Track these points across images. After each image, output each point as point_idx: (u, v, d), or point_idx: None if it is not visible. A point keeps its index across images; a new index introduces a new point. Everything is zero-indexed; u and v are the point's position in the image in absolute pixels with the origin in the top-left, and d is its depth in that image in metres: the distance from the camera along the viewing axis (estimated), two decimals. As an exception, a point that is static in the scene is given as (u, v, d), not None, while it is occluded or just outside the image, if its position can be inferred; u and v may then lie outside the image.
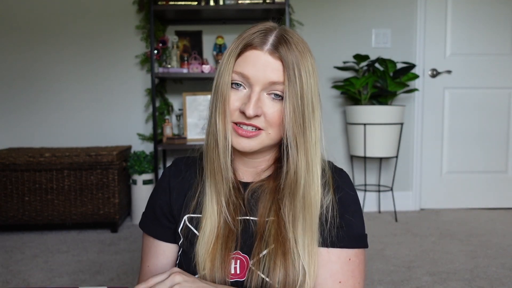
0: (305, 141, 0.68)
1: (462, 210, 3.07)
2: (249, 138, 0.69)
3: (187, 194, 0.79)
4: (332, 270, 0.70)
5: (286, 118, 0.67)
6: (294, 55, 0.67)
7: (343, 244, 0.71)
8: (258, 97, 0.67)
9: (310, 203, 0.69)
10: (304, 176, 0.68)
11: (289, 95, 0.66)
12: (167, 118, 2.83)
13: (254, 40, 0.68)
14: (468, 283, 1.84)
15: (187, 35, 2.93)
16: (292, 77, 0.66)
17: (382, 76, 2.76)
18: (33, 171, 2.51)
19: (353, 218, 0.73)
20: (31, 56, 2.92)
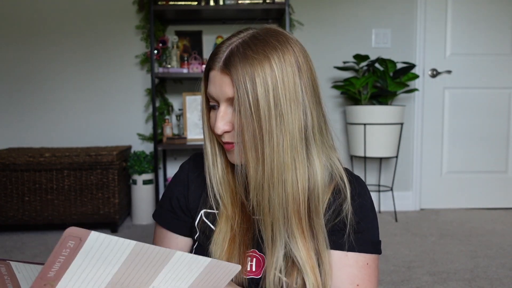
0: (263, 150, 0.65)
1: (462, 210, 3.07)
2: (231, 151, 0.71)
3: (204, 189, 0.79)
4: (350, 273, 0.71)
5: (236, 128, 0.67)
6: (247, 64, 0.64)
7: (361, 248, 0.72)
8: (223, 113, 0.68)
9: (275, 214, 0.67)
10: (262, 186, 0.66)
11: (240, 108, 0.64)
12: (167, 118, 2.83)
13: (211, 61, 0.69)
14: (468, 283, 1.84)
15: (187, 35, 2.93)
16: (241, 89, 0.63)
17: (382, 76, 2.76)
18: (33, 171, 2.51)
19: (370, 224, 0.74)
20: (31, 56, 2.92)
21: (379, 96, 2.79)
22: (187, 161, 0.86)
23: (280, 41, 0.66)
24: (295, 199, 0.67)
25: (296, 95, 0.65)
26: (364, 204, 0.75)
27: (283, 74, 0.64)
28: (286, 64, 0.65)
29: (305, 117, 0.66)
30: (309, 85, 0.67)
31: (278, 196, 0.66)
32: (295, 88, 0.65)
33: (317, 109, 0.69)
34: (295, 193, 0.67)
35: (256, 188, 0.67)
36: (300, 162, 0.67)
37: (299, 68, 0.66)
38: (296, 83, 0.65)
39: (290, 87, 0.65)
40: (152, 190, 2.75)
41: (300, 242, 0.69)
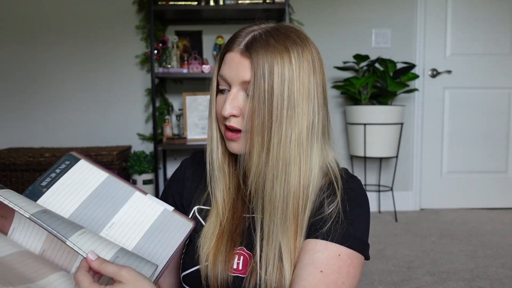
0: (269, 139, 0.66)
1: (462, 210, 3.07)
2: (234, 141, 0.71)
3: (199, 185, 0.80)
4: (316, 258, 0.66)
5: (246, 115, 0.67)
6: (269, 52, 0.65)
7: (335, 238, 0.67)
8: (234, 96, 0.68)
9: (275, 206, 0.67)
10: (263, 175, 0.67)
11: (254, 93, 0.65)
12: (167, 118, 2.83)
13: (231, 43, 0.70)
14: (468, 283, 1.84)
15: (187, 35, 2.93)
16: (258, 75, 0.65)
17: (382, 76, 2.76)
18: (33, 171, 2.51)
19: (355, 219, 0.70)
20: (31, 56, 2.92)
21: (379, 96, 2.79)
22: (186, 158, 0.88)
23: (300, 38, 0.69)
24: (296, 194, 0.68)
25: (308, 92, 0.67)
26: (353, 200, 0.72)
27: (299, 69, 0.66)
28: (303, 60, 0.67)
29: (313, 116, 0.68)
30: (320, 86, 0.69)
31: (280, 187, 0.67)
32: (308, 85, 0.67)
33: (323, 110, 0.71)
34: (296, 189, 0.68)
35: (256, 174, 0.67)
36: (304, 159, 0.68)
37: (314, 67, 0.68)
38: (310, 81, 0.67)
39: (304, 82, 0.67)
40: (152, 190, 2.75)
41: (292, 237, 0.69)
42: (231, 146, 0.72)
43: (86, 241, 0.54)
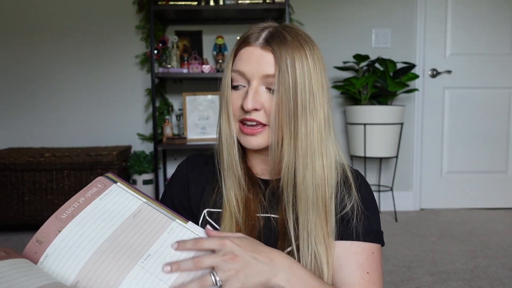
0: (296, 131, 0.68)
1: (462, 210, 3.07)
2: (254, 135, 0.71)
3: (205, 188, 0.80)
4: (359, 261, 0.71)
5: (275, 110, 0.69)
6: (288, 46, 0.68)
7: (366, 238, 0.72)
8: (255, 90, 0.70)
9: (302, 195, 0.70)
10: (293, 166, 0.70)
11: (280, 87, 0.68)
12: (167, 118, 2.83)
13: (249, 38, 0.71)
14: (468, 283, 1.84)
15: (187, 35, 2.93)
16: (283, 69, 0.67)
17: (382, 76, 2.76)
18: (33, 171, 2.51)
19: (373, 214, 0.75)
20: (31, 56, 2.92)
21: (379, 96, 2.79)
22: (184, 161, 0.86)
23: (308, 36, 0.73)
24: (322, 184, 0.71)
25: (323, 87, 0.71)
26: (367, 195, 0.77)
27: (313, 63, 0.69)
28: (315, 55, 0.70)
29: (327, 109, 0.72)
30: (328, 81, 0.73)
31: (310, 176, 0.70)
32: (322, 79, 0.71)
33: (330, 105, 0.74)
34: (322, 179, 0.70)
35: (289, 165, 0.70)
36: (324, 149, 0.71)
37: (322, 63, 0.72)
38: (323, 75, 0.71)
39: (319, 76, 0.70)
40: (152, 190, 2.75)
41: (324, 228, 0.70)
42: (249, 141, 0.72)
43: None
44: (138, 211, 0.61)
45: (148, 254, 0.57)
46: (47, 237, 0.56)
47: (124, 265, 0.55)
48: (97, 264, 0.54)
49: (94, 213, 0.58)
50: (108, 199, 0.61)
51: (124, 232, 0.58)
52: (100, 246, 0.55)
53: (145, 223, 0.60)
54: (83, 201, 0.60)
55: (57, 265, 0.54)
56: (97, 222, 0.58)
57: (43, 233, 0.56)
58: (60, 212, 0.58)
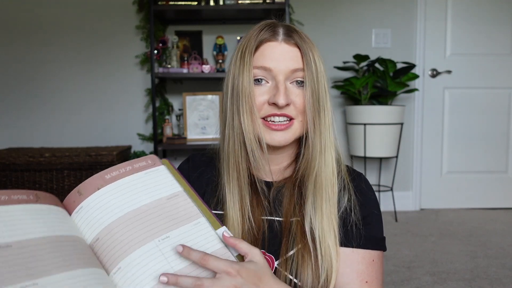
0: (319, 124, 0.70)
1: (462, 210, 3.07)
2: (283, 130, 0.70)
3: (206, 189, 0.79)
4: (359, 270, 0.70)
5: (307, 102, 0.70)
6: (306, 41, 0.71)
7: (367, 245, 0.72)
8: (285, 86, 0.70)
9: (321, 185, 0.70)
10: (317, 158, 0.71)
11: (308, 80, 0.69)
12: (167, 118, 2.83)
13: (266, 34, 0.71)
14: (468, 283, 1.84)
15: (187, 35, 2.93)
16: (309, 62, 0.69)
17: (382, 76, 2.76)
18: (33, 171, 2.51)
19: (374, 220, 0.74)
20: (31, 56, 2.92)
21: (379, 96, 2.79)
22: (185, 161, 0.85)
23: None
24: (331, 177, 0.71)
25: (328, 82, 0.73)
26: (368, 200, 0.75)
27: (321, 60, 0.72)
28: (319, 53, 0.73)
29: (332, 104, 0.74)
30: None
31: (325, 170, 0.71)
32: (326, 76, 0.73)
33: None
34: (331, 172, 0.71)
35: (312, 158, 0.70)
36: (332, 144, 0.72)
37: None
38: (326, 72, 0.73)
39: (325, 73, 0.72)
40: (152, 190, 2.75)
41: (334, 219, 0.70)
42: (277, 137, 0.70)
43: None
44: (174, 195, 0.63)
45: (167, 236, 0.58)
46: (87, 190, 0.59)
47: (141, 237, 0.56)
48: (118, 228, 0.56)
49: (134, 183, 0.61)
50: (151, 176, 0.64)
51: (153, 209, 0.60)
52: (126, 214, 0.58)
53: (175, 209, 0.62)
54: (129, 170, 0.63)
55: (86, 218, 0.57)
56: (133, 191, 0.60)
57: (85, 186, 0.60)
58: (105, 172, 0.61)
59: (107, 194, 0.59)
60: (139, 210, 0.59)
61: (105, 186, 0.60)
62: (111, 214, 0.57)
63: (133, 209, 0.59)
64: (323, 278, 0.68)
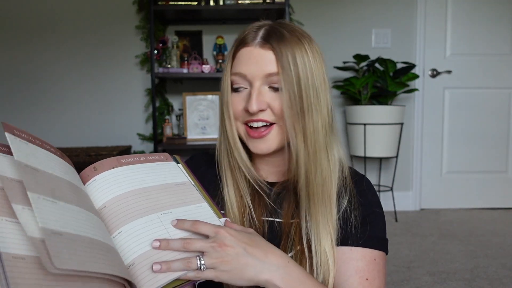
0: (303, 128, 0.67)
1: (462, 210, 3.07)
2: (263, 138, 0.70)
3: (208, 189, 0.78)
4: (358, 267, 0.68)
5: (284, 107, 0.67)
6: (287, 42, 0.66)
7: (367, 243, 0.69)
8: (259, 91, 0.68)
9: (314, 192, 0.68)
10: (305, 164, 0.68)
11: (284, 84, 0.66)
12: (167, 118, 2.83)
13: (245, 38, 0.69)
14: (468, 283, 1.84)
15: (187, 35, 2.93)
16: (286, 65, 0.65)
17: (382, 76, 2.76)
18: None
19: (376, 220, 0.72)
20: (31, 56, 2.92)
21: (379, 96, 2.79)
22: (188, 160, 0.86)
23: (305, 31, 0.72)
24: (328, 180, 0.69)
25: (324, 81, 0.69)
26: (370, 201, 0.74)
27: (313, 58, 0.68)
28: (314, 51, 0.69)
29: (330, 103, 0.70)
30: (327, 77, 0.72)
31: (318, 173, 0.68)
32: (323, 73, 0.69)
33: (332, 100, 0.73)
34: (327, 175, 0.69)
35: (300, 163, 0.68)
36: (329, 147, 0.70)
37: (321, 57, 0.70)
38: (324, 71, 0.70)
39: (320, 71, 0.69)
40: (152, 190, 2.75)
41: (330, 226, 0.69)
42: (259, 146, 0.70)
43: None
44: (181, 183, 0.68)
45: (170, 211, 0.62)
46: (102, 167, 0.64)
47: (145, 209, 0.61)
48: (125, 200, 0.61)
49: (146, 169, 0.67)
50: (162, 167, 0.69)
51: (160, 190, 0.65)
52: (134, 189, 0.63)
53: (180, 193, 0.66)
54: (143, 159, 0.69)
55: (97, 188, 0.62)
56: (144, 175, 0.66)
57: (101, 164, 0.65)
58: (121, 157, 0.67)
59: (120, 173, 0.64)
60: (147, 188, 0.64)
61: (119, 167, 0.65)
62: (120, 188, 0.63)
63: (142, 187, 0.64)
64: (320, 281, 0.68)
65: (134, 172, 0.66)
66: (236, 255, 0.56)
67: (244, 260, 0.56)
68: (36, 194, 0.48)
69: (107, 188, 0.62)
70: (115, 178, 0.64)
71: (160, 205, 0.62)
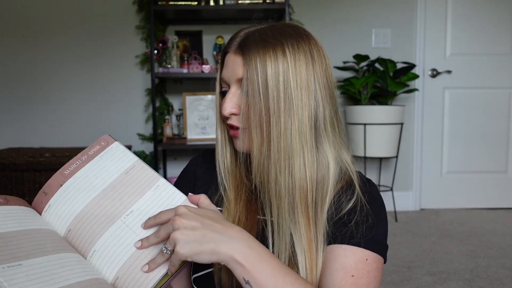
0: (269, 132, 0.65)
1: (462, 210, 3.07)
2: (236, 138, 0.71)
3: (211, 185, 0.79)
4: (345, 263, 0.64)
5: (242, 110, 0.67)
6: (260, 46, 0.66)
7: (359, 243, 0.66)
8: (232, 95, 0.69)
9: (282, 197, 0.66)
10: (268, 167, 0.66)
11: (248, 88, 0.66)
12: (167, 118, 2.84)
13: (228, 45, 0.71)
14: (468, 283, 1.84)
15: (187, 35, 2.93)
16: (251, 70, 0.65)
17: (382, 76, 2.76)
18: (33, 171, 2.51)
19: (376, 224, 0.69)
20: (31, 56, 2.92)
21: (379, 96, 2.79)
22: (196, 156, 0.87)
23: (296, 31, 0.69)
24: (302, 186, 0.67)
25: (307, 83, 0.66)
26: (373, 204, 0.71)
27: (295, 61, 0.66)
28: (299, 51, 0.67)
29: (315, 107, 0.67)
30: (322, 78, 0.68)
31: (284, 180, 0.66)
32: (307, 76, 0.66)
33: (330, 103, 0.70)
34: (302, 181, 0.67)
35: (260, 168, 0.67)
36: (308, 150, 0.67)
37: (312, 58, 0.68)
38: (309, 72, 0.67)
39: (302, 73, 0.66)
40: (152, 190, 2.75)
41: (304, 231, 0.67)
42: (236, 144, 0.72)
43: None
44: (131, 168, 0.67)
45: (131, 210, 0.62)
46: (51, 189, 0.63)
47: (109, 218, 0.61)
48: (86, 216, 0.61)
49: (93, 169, 0.65)
50: (106, 157, 0.67)
51: (114, 188, 0.64)
52: (91, 201, 0.62)
53: (134, 180, 0.65)
54: (85, 159, 0.66)
55: (56, 214, 0.61)
56: (93, 178, 0.64)
57: (49, 186, 0.63)
58: (64, 168, 0.65)
59: (70, 188, 0.63)
60: (102, 194, 0.63)
61: (66, 182, 0.63)
62: (77, 205, 0.61)
63: (96, 194, 0.63)
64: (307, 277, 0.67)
65: (82, 180, 0.64)
66: (193, 229, 0.55)
67: (203, 232, 0.55)
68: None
69: (64, 210, 0.61)
70: (68, 197, 0.62)
71: (120, 207, 0.62)
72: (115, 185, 0.64)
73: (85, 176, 0.64)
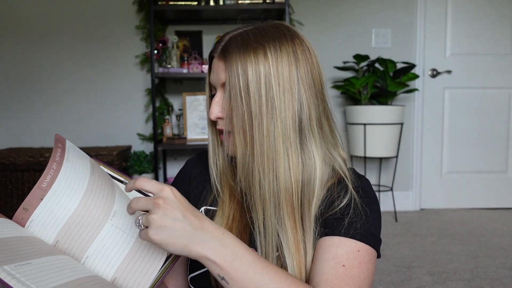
0: (252, 135, 0.65)
1: (462, 210, 3.07)
2: (226, 141, 0.71)
3: (206, 186, 0.80)
4: (336, 253, 0.64)
5: (226, 114, 0.68)
6: (241, 49, 0.66)
7: (351, 234, 0.66)
8: (217, 100, 0.69)
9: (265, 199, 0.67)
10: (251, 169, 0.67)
11: (231, 92, 0.66)
12: (167, 118, 2.84)
13: (213, 49, 0.71)
14: (468, 283, 1.84)
15: (187, 35, 2.93)
16: (232, 73, 0.65)
17: (382, 76, 2.76)
18: (33, 171, 2.51)
19: (369, 217, 0.69)
20: (31, 56, 2.92)
21: (379, 96, 2.79)
22: (191, 157, 0.88)
23: (280, 33, 0.68)
24: (288, 188, 0.67)
25: (290, 85, 0.66)
26: (365, 199, 0.71)
27: (277, 63, 0.65)
28: (282, 53, 0.66)
29: (300, 108, 0.67)
30: (307, 78, 0.68)
31: (269, 183, 0.66)
32: (290, 78, 0.66)
33: (318, 103, 0.69)
34: (287, 182, 0.67)
35: (244, 171, 0.67)
36: (293, 152, 0.67)
37: (296, 59, 0.67)
38: (292, 74, 0.66)
39: (284, 76, 0.66)
40: (152, 190, 2.75)
41: (291, 233, 0.67)
42: (225, 148, 0.73)
43: None
44: (92, 166, 0.66)
45: (114, 210, 0.62)
46: (32, 204, 0.61)
47: (96, 224, 0.60)
48: (73, 225, 0.60)
49: (66, 177, 0.63)
50: (71, 159, 0.65)
51: (92, 192, 0.62)
52: (75, 210, 0.61)
53: (101, 179, 0.65)
54: (56, 167, 0.64)
55: (39, 228, 0.60)
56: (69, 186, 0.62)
57: (28, 201, 0.61)
58: (41, 181, 0.63)
59: (51, 201, 0.61)
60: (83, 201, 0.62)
61: (46, 195, 0.62)
62: (61, 217, 0.60)
63: (79, 202, 0.61)
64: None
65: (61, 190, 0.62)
66: (173, 219, 0.54)
67: (180, 226, 0.54)
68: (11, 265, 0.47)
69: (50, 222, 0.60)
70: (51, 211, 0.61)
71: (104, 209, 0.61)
72: (90, 190, 0.63)
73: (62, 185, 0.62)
